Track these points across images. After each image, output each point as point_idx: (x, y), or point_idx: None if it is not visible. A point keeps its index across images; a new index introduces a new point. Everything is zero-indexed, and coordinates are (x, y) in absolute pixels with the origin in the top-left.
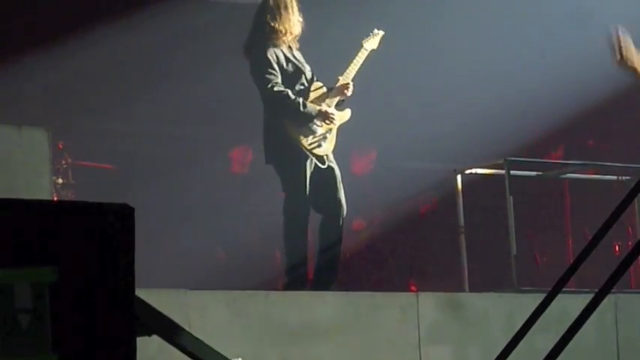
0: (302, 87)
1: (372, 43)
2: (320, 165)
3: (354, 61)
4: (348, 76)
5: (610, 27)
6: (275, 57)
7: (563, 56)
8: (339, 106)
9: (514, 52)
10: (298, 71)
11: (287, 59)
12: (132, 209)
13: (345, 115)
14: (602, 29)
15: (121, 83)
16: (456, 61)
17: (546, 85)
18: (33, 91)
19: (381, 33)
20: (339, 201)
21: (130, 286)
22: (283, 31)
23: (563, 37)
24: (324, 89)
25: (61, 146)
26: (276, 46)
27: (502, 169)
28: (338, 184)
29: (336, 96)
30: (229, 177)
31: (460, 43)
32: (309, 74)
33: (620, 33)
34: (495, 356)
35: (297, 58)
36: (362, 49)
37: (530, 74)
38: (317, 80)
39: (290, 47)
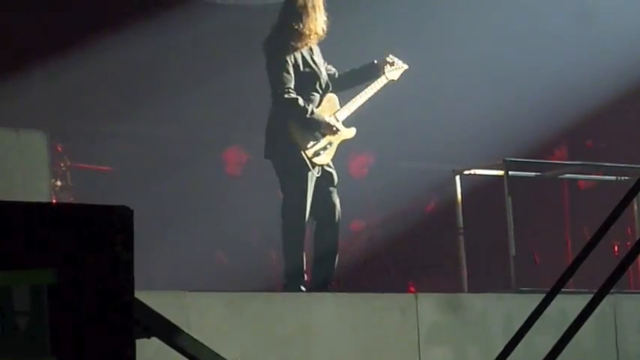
0: (315, 93)
1: (394, 74)
2: (314, 174)
3: (372, 85)
4: (362, 97)
5: None
6: (293, 60)
7: (563, 57)
8: (346, 121)
9: (514, 54)
10: (314, 76)
11: (305, 63)
12: (130, 211)
13: (350, 132)
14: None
15: (118, 86)
16: (456, 62)
17: (546, 86)
18: (31, 94)
19: (405, 67)
20: (334, 205)
21: (129, 288)
22: (307, 33)
23: (563, 38)
24: (337, 102)
25: (59, 149)
26: (296, 48)
27: (501, 169)
28: (333, 188)
29: (346, 112)
30: (224, 178)
31: (460, 44)
32: (324, 81)
33: None
34: (495, 357)
35: (316, 62)
36: (383, 77)
37: (530, 75)
38: (332, 90)
39: (311, 49)
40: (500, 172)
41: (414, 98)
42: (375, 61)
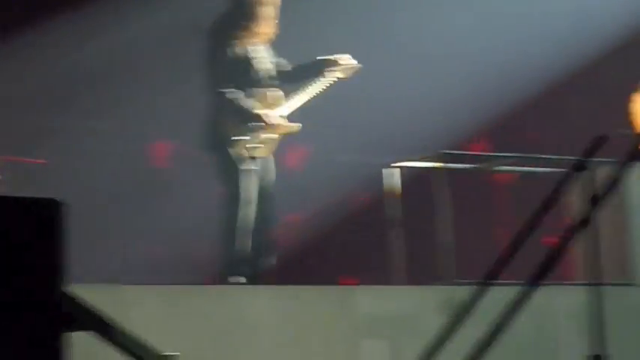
0: (257, 87)
1: (342, 72)
2: (253, 167)
3: (318, 82)
4: (307, 93)
5: None
6: (235, 52)
7: (496, 48)
8: (290, 116)
9: (447, 44)
10: (257, 71)
11: (248, 56)
12: (62, 203)
13: (293, 127)
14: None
15: (51, 79)
16: (390, 55)
17: (480, 78)
18: None
19: (356, 65)
20: (271, 198)
21: (62, 282)
22: (253, 28)
23: (497, 28)
24: (280, 97)
25: None
26: (240, 42)
27: (436, 162)
28: (270, 181)
29: (289, 107)
30: (158, 171)
31: (394, 36)
32: (267, 75)
33: None
34: (428, 350)
35: (260, 56)
36: (330, 75)
37: (464, 66)
38: (279, 83)
39: (258, 44)
40: (437, 165)
41: (350, 91)
42: (319, 58)
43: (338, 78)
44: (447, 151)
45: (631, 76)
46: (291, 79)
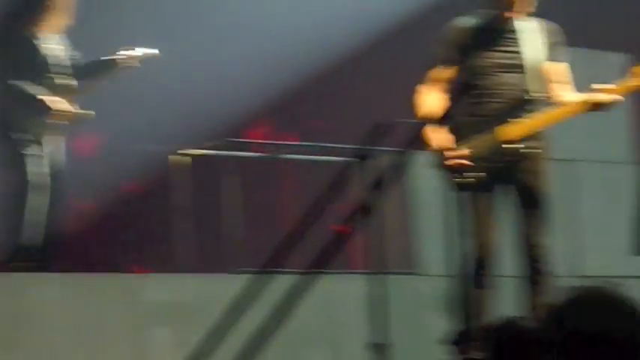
0: (45, 75)
1: (138, 62)
2: (39, 152)
3: (113, 73)
4: (100, 83)
5: None
6: (26, 42)
7: (282, 35)
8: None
9: (237, 32)
10: (48, 59)
11: (40, 45)
12: None
13: (86, 115)
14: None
15: None
16: (183, 42)
17: (269, 65)
18: None
19: (149, 53)
20: (60, 184)
21: None
22: (47, 19)
23: (281, 15)
24: (75, 86)
25: None
26: (28, 32)
27: (222, 149)
28: (59, 168)
29: (81, 95)
30: None
31: (187, 23)
32: (60, 65)
33: None
34: (215, 338)
35: (54, 46)
36: (125, 67)
37: (254, 54)
38: (73, 75)
39: (49, 34)
40: (221, 152)
41: (142, 78)
42: (105, 57)
43: (133, 67)
44: (233, 139)
45: (415, 65)
46: (84, 73)
